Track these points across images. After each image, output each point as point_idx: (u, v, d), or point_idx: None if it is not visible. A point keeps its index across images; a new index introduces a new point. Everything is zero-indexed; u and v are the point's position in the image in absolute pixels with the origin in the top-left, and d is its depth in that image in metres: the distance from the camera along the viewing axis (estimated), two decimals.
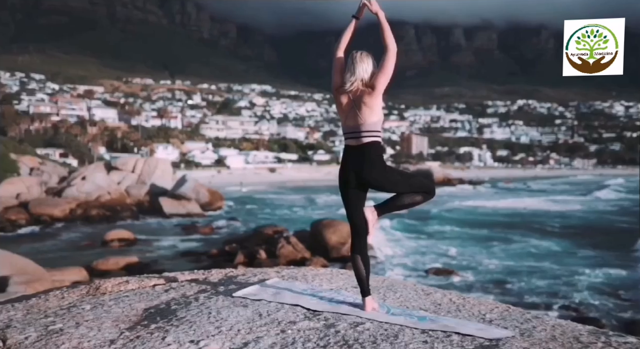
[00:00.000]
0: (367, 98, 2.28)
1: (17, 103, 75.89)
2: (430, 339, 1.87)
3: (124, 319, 2.14)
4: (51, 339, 1.88)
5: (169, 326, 2.03)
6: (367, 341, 1.84)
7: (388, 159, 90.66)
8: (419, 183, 2.36)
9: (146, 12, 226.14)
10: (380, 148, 2.32)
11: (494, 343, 1.85)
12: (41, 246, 20.12)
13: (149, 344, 1.81)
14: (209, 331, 1.94)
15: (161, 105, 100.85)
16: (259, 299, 2.41)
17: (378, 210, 2.37)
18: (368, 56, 2.36)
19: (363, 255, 2.35)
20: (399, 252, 19.13)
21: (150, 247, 20.42)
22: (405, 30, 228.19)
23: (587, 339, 1.90)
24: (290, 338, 1.89)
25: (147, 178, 31.82)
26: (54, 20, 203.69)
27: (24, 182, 28.58)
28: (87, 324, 2.05)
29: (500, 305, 2.47)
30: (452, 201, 38.84)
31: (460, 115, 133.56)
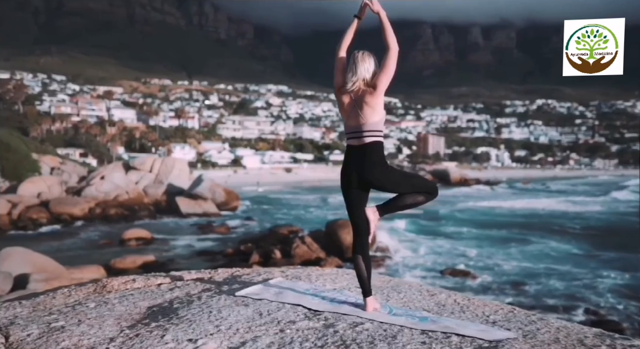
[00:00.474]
0: (368, 97, 2.27)
1: (39, 104, 77.30)
2: (429, 340, 1.86)
3: (127, 317, 2.17)
4: (52, 337, 1.92)
5: (169, 324, 2.05)
6: (365, 342, 1.84)
7: (404, 159, 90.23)
8: (421, 184, 2.34)
9: (164, 14, 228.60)
10: (381, 148, 2.31)
11: (494, 344, 1.84)
12: (61, 244, 20.45)
13: (147, 343, 1.83)
14: (208, 330, 1.96)
15: (179, 105, 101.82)
16: (261, 299, 2.42)
17: (380, 210, 2.37)
18: (370, 56, 2.36)
19: (364, 255, 2.35)
20: (414, 253, 19.02)
21: (167, 246, 20.62)
22: (422, 30, 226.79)
23: (592, 341, 1.88)
24: (289, 337, 1.90)
25: (164, 178, 32.15)
26: (75, 22, 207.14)
27: (45, 182, 29.08)
28: (88, 322, 2.08)
29: (505, 307, 2.44)
30: (468, 202, 38.52)
31: (478, 115, 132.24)
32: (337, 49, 2.42)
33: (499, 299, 13.46)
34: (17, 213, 24.70)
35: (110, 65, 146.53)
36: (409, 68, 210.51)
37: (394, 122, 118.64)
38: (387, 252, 18.70)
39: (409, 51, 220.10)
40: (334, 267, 15.33)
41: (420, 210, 32.96)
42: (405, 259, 18.29)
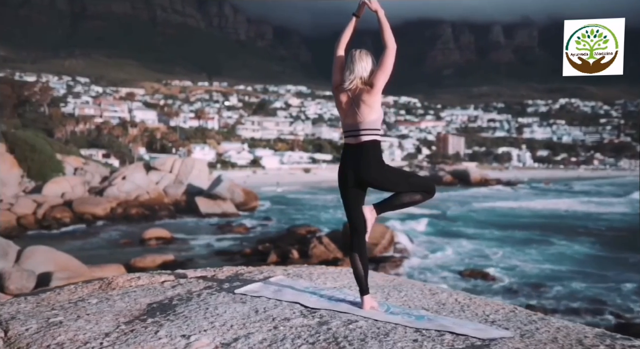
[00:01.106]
0: (365, 96, 2.27)
1: (63, 106, 78.93)
2: (422, 338, 1.86)
3: (126, 313, 2.20)
4: (49, 331, 1.97)
5: (165, 320, 2.08)
6: (356, 339, 1.85)
7: (424, 159, 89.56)
8: (418, 182, 2.33)
9: (185, 16, 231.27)
10: (379, 147, 2.30)
11: (487, 343, 1.83)
12: (83, 243, 20.83)
13: (141, 338, 1.87)
14: (202, 326, 1.99)
15: (199, 106, 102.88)
16: (259, 296, 2.43)
17: (377, 209, 2.36)
18: (367, 54, 2.35)
19: (361, 254, 2.35)
20: (433, 255, 18.89)
21: (186, 246, 20.84)
22: (442, 29, 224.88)
23: (591, 341, 1.86)
24: (281, 334, 1.91)
25: (184, 178, 32.51)
26: (98, 25, 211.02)
27: (68, 182, 29.62)
28: (87, 318, 2.12)
29: (507, 306, 2.42)
30: (489, 203, 38.07)
31: (499, 114, 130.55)
32: (335, 47, 2.42)
33: (518, 301, 13.30)
34: (42, 212, 25.22)
35: (132, 67, 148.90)
36: (428, 68, 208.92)
37: (414, 122, 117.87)
38: (406, 253, 18.61)
39: (428, 51, 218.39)
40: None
41: (440, 210, 32.73)
42: (423, 260, 18.17)
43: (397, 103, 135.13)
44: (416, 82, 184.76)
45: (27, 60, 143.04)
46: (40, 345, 1.81)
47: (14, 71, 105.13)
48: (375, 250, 17.78)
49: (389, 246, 18.60)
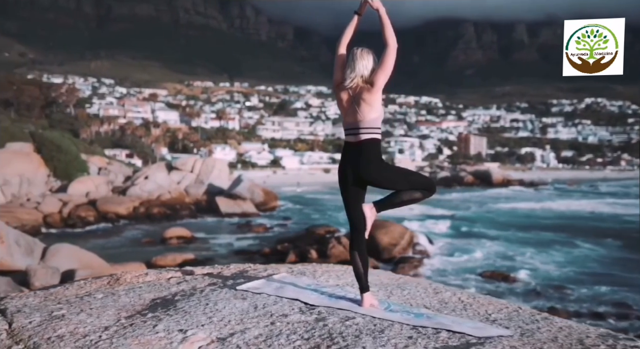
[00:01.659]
0: (366, 94, 2.27)
1: (89, 107, 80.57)
2: (417, 335, 1.86)
3: (129, 308, 2.25)
4: (51, 324, 2.02)
5: (164, 315, 2.12)
6: (351, 335, 1.86)
7: (444, 160, 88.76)
8: (418, 180, 2.33)
9: (207, 17, 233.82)
10: (378, 145, 2.30)
11: (482, 340, 1.83)
12: (106, 242, 21.23)
13: (139, 331, 1.91)
14: (200, 321, 2.02)
15: (220, 106, 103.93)
16: (260, 293, 2.45)
17: (377, 207, 2.37)
18: (369, 53, 2.35)
19: (361, 252, 2.35)
20: (453, 256, 18.71)
21: (206, 245, 21.06)
22: (464, 28, 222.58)
23: (592, 341, 1.84)
24: (278, 330, 1.94)
25: (205, 178, 32.86)
26: (123, 27, 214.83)
27: (92, 181, 30.21)
28: (89, 312, 2.18)
29: (511, 306, 2.41)
30: (510, 203, 37.55)
31: (522, 114, 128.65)
32: (337, 46, 2.43)
33: (540, 303, 13.10)
34: (67, 211, 25.76)
35: (155, 69, 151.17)
36: (450, 67, 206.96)
37: (435, 122, 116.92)
38: (425, 254, 18.48)
39: (450, 50, 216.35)
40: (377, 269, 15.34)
41: (461, 211, 32.41)
42: (443, 261, 18.01)
43: (418, 104, 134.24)
44: (437, 82, 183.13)
45: (54, 62, 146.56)
46: (41, 337, 1.86)
47: (42, 73, 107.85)
48: (395, 251, 17.70)
49: (408, 247, 18.49)
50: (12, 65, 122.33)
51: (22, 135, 33.55)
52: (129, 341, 1.77)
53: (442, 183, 57.98)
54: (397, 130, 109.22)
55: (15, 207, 25.16)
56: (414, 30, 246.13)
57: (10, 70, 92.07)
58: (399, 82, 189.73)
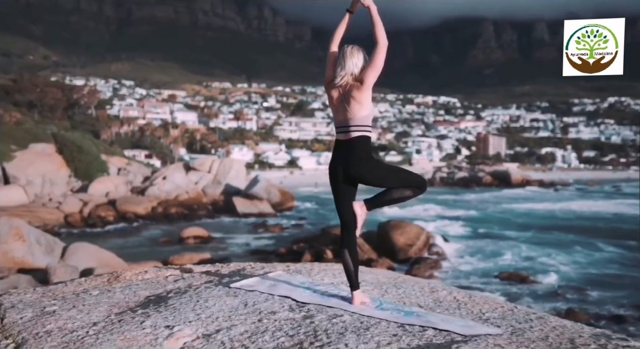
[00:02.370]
0: (356, 92, 2.27)
1: (109, 108, 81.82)
2: (402, 333, 1.86)
3: (122, 305, 2.28)
4: (41, 320, 2.05)
5: (154, 312, 2.14)
6: (335, 332, 1.87)
7: (463, 160, 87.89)
8: (408, 178, 2.32)
9: (225, 19, 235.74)
10: (368, 143, 2.29)
11: (467, 338, 1.82)
12: (125, 241, 21.51)
13: (126, 327, 1.93)
14: (188, 318, 2.04)
15: (238, 107, 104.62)
16: (253, 291, 2.46)
17: (367, 205, 2.36)
18: (359, 50, 2.35)
19: (351, 250, 2.36)
20: (470, 257, 18.52)
21: (223, 245, 21.18)
22: (483, 27, 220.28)
23: (584, 341, 1.82)
24: (264, 327, 1.95)
25: (222, 178, 33.09)
26: (143, 29, 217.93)
27: (112, 181, 30.63)
28: (81, 308, 2.20)
29: (506, 305, 2.38)
30: (528, 204, 37.04)
31: (543, 114, 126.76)
32: (329, 43, 2.43)
33: (558, 305, 12.91)
34: (88, 211, 26.16)
35: (174, 70, 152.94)
36: (468, 67, 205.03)
37: (453, 122, 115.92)
38: (441, 255, 18.32)
39: (468, 50, 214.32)
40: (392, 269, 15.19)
41: (478, 211, 32.07)
42: (460, 262, 17.84)
43: (436, 104, 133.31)
44: (456, 81, 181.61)
45: (76, 64, 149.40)
46: (30, 333, 1.90)
47: (65, 75, 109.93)
48: (410, 251, 17.60)
49: (424, 248, 18.35)
50: (36, 68, 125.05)
51: (44, 136, 34.25)
52: (114, 337, 1.80)
53: (460, 183, 57.42)
54: (415, 130, 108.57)
55: (37, 207, 25.67)
56: (432, 30, 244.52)
57: (35, 73, 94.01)
58: (416, 82, 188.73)
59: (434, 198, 40.71)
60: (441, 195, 44.13)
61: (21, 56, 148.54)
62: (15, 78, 67.89)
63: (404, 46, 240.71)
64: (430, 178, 61.57)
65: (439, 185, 57.87)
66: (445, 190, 51.00)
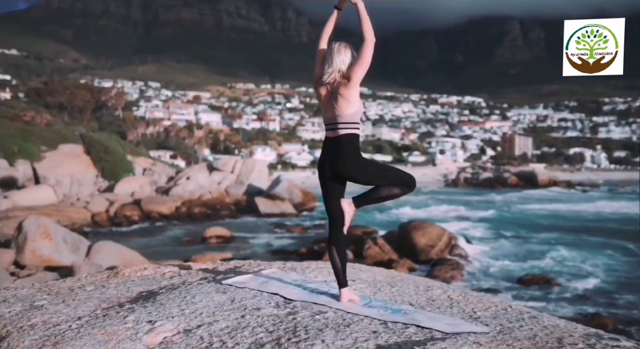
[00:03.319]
0: (343, 89, 2.26)
1: (136, 110, 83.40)
2: (383, 330, 1.85)
3: (113, 300, 2.30)
4: (28, 314, 2.09)
5: (140, 307, 2.15)
6: (314, 329, 1.86)
7: (487, 160, 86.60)
8: (396, 176, 2.30)
9: (249, 20, 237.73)
10: (356, 141, 2.28)
11: (448, 336, 1.80)
12: (149, 240, 21.83)
13: (109, 322, 1.95)
14: (172, 313, 2.04)
15: (261, 108, 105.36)
16: (243, 287, 2.46)
17: (355, 203, 2.35)
18: (346, 47, 2.34)
19: (339, 247, 2.34)
20: (494, 259, 18.21)
21: (244, 244, 21.31)
22: (509, 26, 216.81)
23: (572, 340, 1.77)
24: (246, 322, 1.95)
25: (245, 179, 33.34)
26: (169, 32, 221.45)
27: (137, 181, 31.16)
28: (69, 303, 2.23)
29: (500, 304, 2.34)
30: (555, 205, 36.28)
31: (571, 113, 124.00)
32: (318, 41, 2.43)
33: (584, 309, 12.61)
34: (114, 210, 26.65)
35: (199, 72, 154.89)
36: (494, 66, 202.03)
37: (478, 122, 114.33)
38: (464, 257, 18.08)
39: (494, 49, 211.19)
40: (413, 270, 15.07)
41: (503, 212, 31.54)
42: (483, 264, 17.57)
43: (461, 103, 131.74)
44: (481, 81, 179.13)
45: (105, 66, 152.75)
46: (14, 326, 1.93)
47: (94, 77, 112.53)
48: (432, 253, 17.41)
49: (446, 249, 18.13)
50: (66, 71, 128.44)
51: (73, 137, 35.10)
52: (95, 331, 1.82)
53: (485, 184, 56.56)
54: (439, 130, 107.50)
55: (66, 206, 26.27)
56: (458, 29, 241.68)
57: (65, 75, 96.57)
58: (441, 81, 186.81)
59: (458, 198, 40.24)
60: (465, 195, 43.59)
61: (52, 59, 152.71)
62: (47, 81, 69.87)
63: (428, 46, 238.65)
64: (455, 178, 60.88)
65: (463, 185, 57.16)
66: (469, 191, 50.36)
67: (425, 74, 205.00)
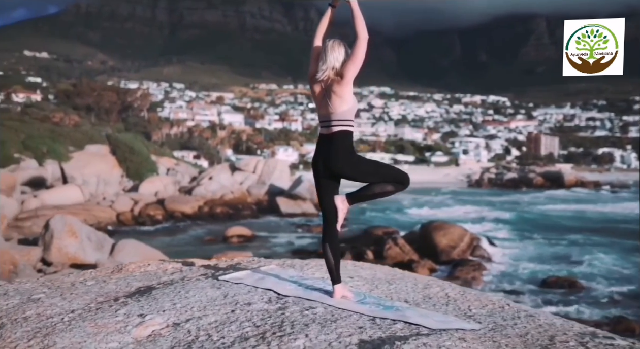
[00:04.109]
0: (336, 87, 2.26)
1: (160, 111, 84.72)
2: (369, 326, 1.84)
3: (109, 295, 2.33)
4: (24, 306, 2.13)
5: (133, 301, 2.18)
6: (301, 324, 1.87)
7: (512, 161, 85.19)
8: (389, 173, 2.30)
9: (272, 21, 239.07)
10: (349, 138, 2.28)
11: (432, 332, 1.79)
12: (172, 240, 22.13)
13: (100, 315, 1.99)
14: (163, 307, 2.07)
15: (283, 108, 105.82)
16: (239, 283, 2.47)
17: (349, 199, 2.35)
18: (340, 45, 2.33)
19: (332, 244, 2.34)
20: (517, 261, 17.92)
21: (265, 244, 21.43)
22: (535, 24, 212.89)
23: (565, 338, 1.75)
24: (235, 317, 1.96)
25: (267, 179, 33.54)
26: (193, 34, 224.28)
27: (161, 181, 31.60)
28: (65, 296, 2.27)
29: (498, 302, 2.31)
30: (581, 205, 35.49)
31: (600, 112, 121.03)
32: (313, 38, 2.44)
33: (610, 312, 12.32)
34: (138, 209, 27.07)
35: (222, 73, 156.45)
36: (519, 65, 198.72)
37: (502, 122, 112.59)
38: (486, 258, 17.83)
39: (520, 47, 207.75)
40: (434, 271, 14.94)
41: (527, 213, 30.99)
42: (505, 266, 17.30)
43: (485, 103, 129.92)
44: (505, 80, 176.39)
45: (131, 68, 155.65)
46: (9, 318, 1.98)
47: (120, 79, 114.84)
48: (453, 253, 17.22)
49: (468, 250, 17.91)
50: (94, 73, 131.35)
51: (99, 137, 35.86)
52: (86, 324, 1.85)
53: (509, 184, 55.66)
54: (463, 130, 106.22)
55: (92, 205, 26.81)
56: (482, 28, 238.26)
57: (93, 78, 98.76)
58: (465, 81, 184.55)
59: (481, 199, 39.69)
60: (489, 196, 42.97)
61: (81, 62, 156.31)
62: (75, 83, 71.57)
63: (452, 45, 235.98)
64: (478, 179, 60.08)
65: (487, 186, 56.37)
66: (493, 191, 49.64)
67: (449, 73, 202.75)
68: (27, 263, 12.01)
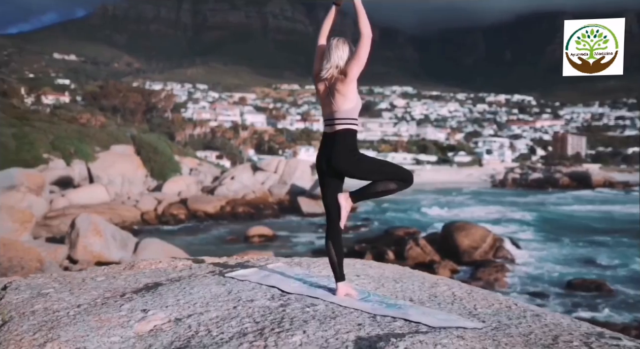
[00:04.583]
0: (339, 85, 2.26)
1: (184, 111, 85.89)
2: (368, 323, 1.83)
3: (119, 290, 2.37)
4: (32, 300, 2.18)
5: (139, 297, 2.21)
6: (300, 320, 1.87)
7: (538, 161, 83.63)
8: (392, 171, 2.30)
9: (294, 22, 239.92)
10: (353, 136, 2.28)
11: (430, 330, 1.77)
12: (194, 239, 22.39)
13: (104, 309, 2.02)
14: (167, 303, 2.09)
15: (305, 109, 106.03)
16: (244, 280, 2.48)
17: (352, 197, 2.34)
18: (344, 43, 2.33)
19: (335, 241, 2.34)
20: (543, 262, 17.60)
21: (286, 244, 21.50)
22: (561, 21, 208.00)
23: (569, 338, 1.71)
24: (236, 313, 1.97)
25: (288, 179, 33.69)
26: (216, 35, 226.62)
27: (184, 181, 32.05)
28: (74, 291, 2.31)
29: (505, 301, 2.28)
30: (608, 206, 34.63)
31: (630, 111, 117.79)
32: (317, 37, 2.44)
33: (637, 317, 12.02)
34: (162, 209, 27.49)
35: (245, 73, 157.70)
36: (545, 63, 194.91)
37: (528, 121, 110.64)
38: (509, 259, 17.57)
39: (545, 45, 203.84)
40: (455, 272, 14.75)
41: (551, 213, 30.38)
42: (529, 267, 17.02)
43: (510, 102, 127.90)
44: (531, 79, 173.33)
45: (156, 70, 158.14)
46: (17, 312, 2.03)
47: (145, 80, 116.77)
48: (475, 254, 17.03)
49: (490, 251, 17.68)
50: (120, 74, 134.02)
51: (124, 138, 36.54)
52: (90, 318, 1.89)
53: (534, 185, 54.65)
54: (486, 130, 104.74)
55: (117, 205, 27.32)
56: (506, 26, 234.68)
57: (119, 79, 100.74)
58: (489, 80, 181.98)
59: (505, 199, 39.07)
60: (513, 196, 42.29)
61: (107, 64, 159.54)
62: (102, 84, 73.13)
63: (476, 43, 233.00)
64: (502, 179, 59.16)
65: (511, 186, 55.46)
66: (517, 192, 48.84)
67: (472, 73, 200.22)
68: (53, 261, 12.31)
